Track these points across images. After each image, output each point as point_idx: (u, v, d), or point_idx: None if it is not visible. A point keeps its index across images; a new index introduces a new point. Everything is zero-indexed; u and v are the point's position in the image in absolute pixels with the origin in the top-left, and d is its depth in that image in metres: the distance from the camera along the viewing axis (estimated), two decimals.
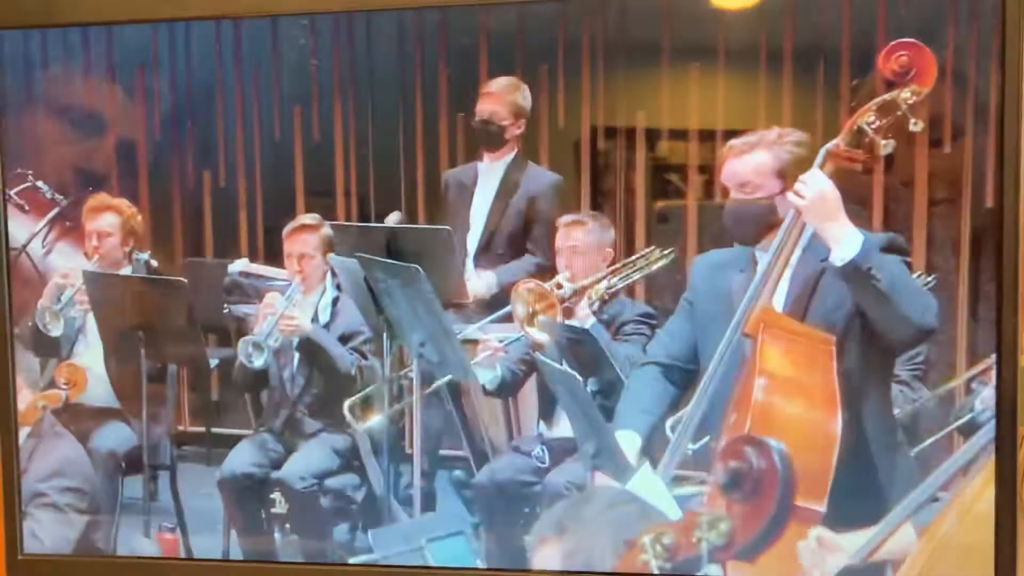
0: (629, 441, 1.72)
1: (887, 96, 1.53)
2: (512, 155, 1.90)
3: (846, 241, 1.55)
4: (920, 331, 1.56)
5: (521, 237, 1.89)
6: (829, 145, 1.56)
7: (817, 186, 1.56)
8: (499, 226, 1.91)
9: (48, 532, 1.89)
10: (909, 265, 1.59)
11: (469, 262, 1.91)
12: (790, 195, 1.58)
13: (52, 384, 1.98)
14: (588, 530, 1.60)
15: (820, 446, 1.55)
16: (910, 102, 1.52)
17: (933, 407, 1.66)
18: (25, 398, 1.85)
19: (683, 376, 1.73)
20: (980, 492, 1.51)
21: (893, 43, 1.51)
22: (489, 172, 1.92)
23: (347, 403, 1.95)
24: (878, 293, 1.54)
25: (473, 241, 1.92)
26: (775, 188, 1.63)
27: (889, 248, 1.58)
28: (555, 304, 1.82)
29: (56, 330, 1.99)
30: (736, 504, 1.56)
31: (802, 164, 1.60)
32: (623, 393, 1.76)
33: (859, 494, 1.58)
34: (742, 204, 1.65)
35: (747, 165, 1.63)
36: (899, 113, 1.52)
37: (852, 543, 1.56)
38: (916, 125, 1.52)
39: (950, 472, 1.55)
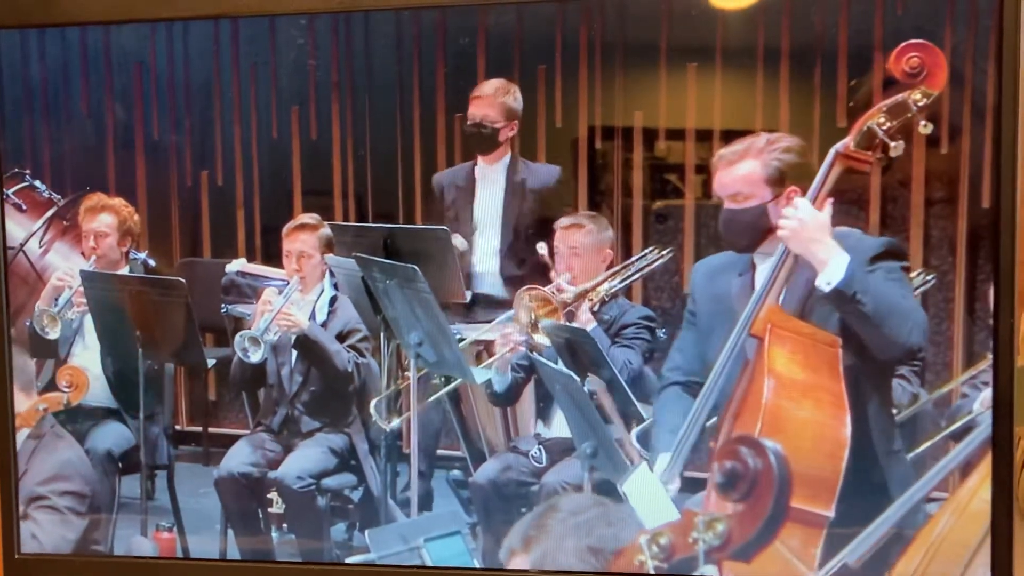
0: (662, 462, 1.71)
1: (898, 97, 1.52)
2: (508, 156, 1.90)
3: (831, 265, 1.55)
4: (906, 351, 1.57)
5: (541, 237, 1.89)
6: (838, 146, 1.55)
7: (799, 215, 1.56)
8: (516, 230, 1.91)
9: (47, 534, 1.89)
10: (907, 270, 1.59)
11: (482, 264, 1.91)
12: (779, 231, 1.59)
13: (52, 386, 1.98)
14: (553, 539, 1.60)
15: (829, 450, 1.55)
16: (920, 104, 1.51)
17: (931, 408, 1.66)
18: (19, 401, 1.85)
19: (700, 388, 1.72)
20: (976, 491, 1.51)
21: (904, 44, 1.51)
22: (488, 176, 1.92)
23: (373, 403, 1.96)
24: (863, 316, 1.54)
25: (487, 245, 1.91)
26: (766, 196, 1.62)
27: (885, 254, 1.57)
28: (557, 308, 1.82)
29: (54, 333, 1.99)
30: (732, 504, 1.56)
31: (792, 170, 1.60)
32: (652, 422, 1.75)
33: (861, 495, 1.57)
34: (735, 214, 1.65)
35: (737, 175, 1.63)
36: (909, 115, 1.52)
37: None
38: (926, 127, 1.52)
39: (946, 472, 1.55)
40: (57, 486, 1.91)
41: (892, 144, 1.53)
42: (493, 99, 1.82)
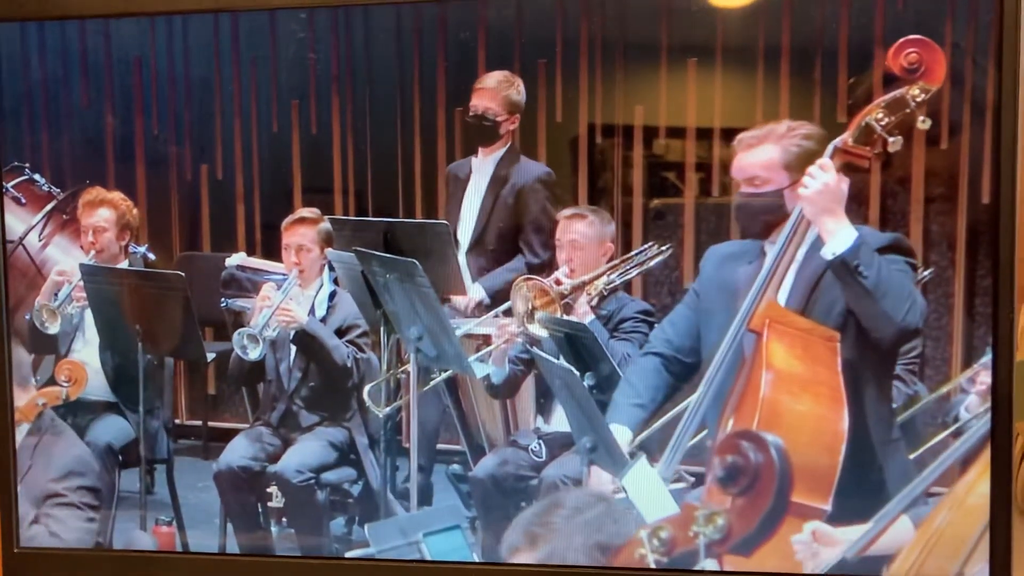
0: (619, 435, 1.71)
1: (896, 93, 1.52)
2: (504, 150, 1.90)
3: (839, 236, 1.55)
4: (902, 331, 1.57)
5: (512, 233, 1.90)
6: (836, 141, 1.56)
7: (824, 178, 1.56)
8: (489, 222, 1.91)
9: (69, 529, 1.89)
10: (914, 267, 1.59)
11: (462, 257, 1.91)
12: (800, 189, 1.58)
13: (52, 381, 1.97)
14: (558, 536, 1.60)
15: (826, 444, 1.56)
16: (918, 99, 1.51)
17: (930, 404, 1.67)
18: (16, 396, 1.84)
19: (683, 368, 1.73)
20: (973, 485, 1.52)
21: (903, 40, 1.51)
22: (481, 167, 1.92)
23: (368, 388, 1.96)
24: (862, 290, 1.54)
25: (465, 236, 1.92)
26: (783, 182, 1.62)
27: (891, 248, 1.58)
28: (555, 300, 1.82)
29: (53, 328, 1.99)
30: (733, 498, 1.56)
31: (811, 157, 1.59)
32: (620, 383, 1.76)
33: (858, 490, 1.58)
34: (750, 198, 1.65)
35: (756, 159, 1.63)
36: (907, 111, 1.52)
37: (847, 535, 1.56)
38: (924, 123, 1.52)
39: (944, 467, 1.55)
40: (72, 482, 1.91)
41: (890, 140, 1.53)
42: (496, 92, 1.82)
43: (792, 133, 1.61)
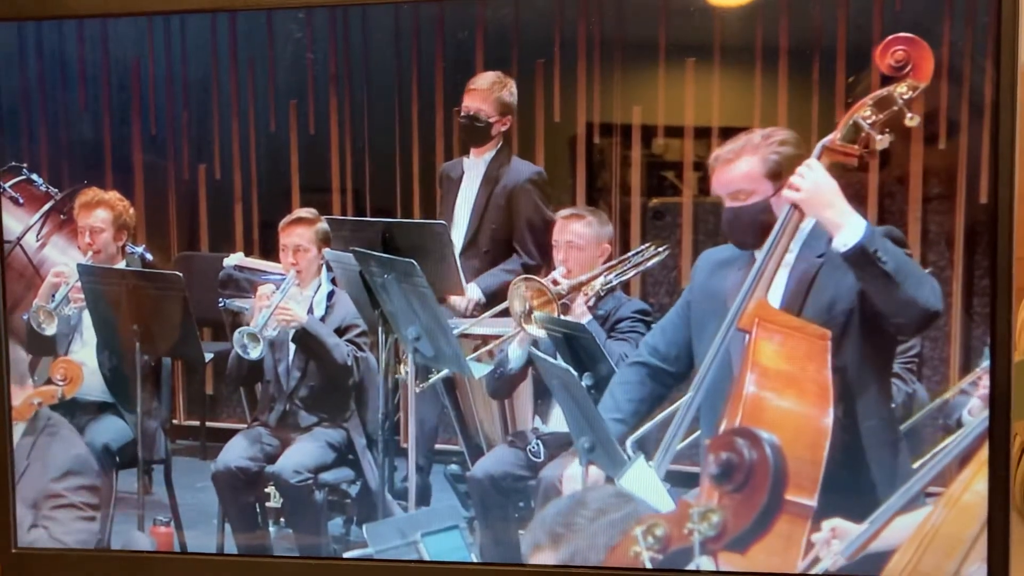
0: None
1: (883, 91, 1.52)
2: (495, 150, 1.90)
3: (849, 226, 1.54)
4: (926, 313, 1.55)
5: (505, 234, 1.90)
6: (825, 140, 1.56)
7: (813, 176, 1.56)
8: (482, 223, 1.91)
9: (70, 532, 1.88)
10: (909, 257, 1.59)
11: (456, 258, 1.91)
12: (786, 191, 1.58)
13: (48, 380, 1.97)
14: (583, 537, 1.60)
15: (811, 441, 1.55)
16: (906, 96, 1.51)
17: (933, 409, 1.67)
18: (13, 394, 1.84)
19: (668, 378, 1.72)
20: (968, 484, 1.51)
21: (890, 38, 1.51)
22: (474, 168, 1.92)
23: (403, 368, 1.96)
24: (884, 276, 1.53)
25: (458, 237, 1.92)
26: (768, 191, 1.62)
27: (887, 238, 1.57)
28: (552, 300, 1.82)
29: (50, 329, 1.99)
30: (727, 495, 1.56)
31: (791, 162, 1.59)
32: (605, 393, 1.75)
33: (854, 489, 1.58)
34: (738, 211, 1.64)
35: (736, 173, 1.62)
36: (895, 108, 1.52)
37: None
38: (912, 120, 1.52)
39: (940, 466, 1.55)
40: (71, 482, 1.90)
41: (879, 137, 1.53)
42: (488, 93, 1.82)
43: (768, 142, 1.60)
